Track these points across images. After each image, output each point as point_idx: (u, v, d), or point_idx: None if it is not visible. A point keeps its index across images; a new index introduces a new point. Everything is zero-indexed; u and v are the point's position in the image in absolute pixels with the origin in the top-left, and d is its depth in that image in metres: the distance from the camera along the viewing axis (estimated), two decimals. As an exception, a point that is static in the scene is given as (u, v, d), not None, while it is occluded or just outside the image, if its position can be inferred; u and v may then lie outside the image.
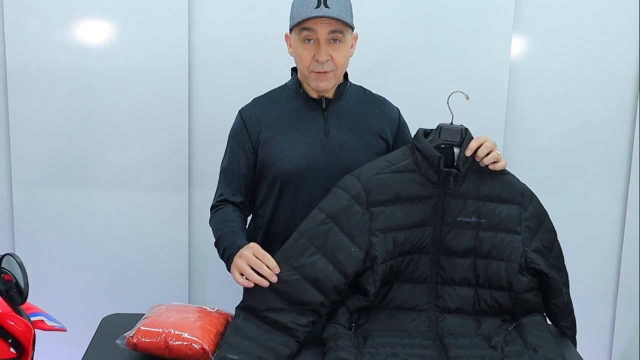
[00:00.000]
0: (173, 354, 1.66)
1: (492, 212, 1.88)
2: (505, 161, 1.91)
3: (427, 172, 1.86)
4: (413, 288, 1.87)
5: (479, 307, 1.88)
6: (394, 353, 1.69)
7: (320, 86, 2.01)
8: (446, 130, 1.88)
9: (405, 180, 1.86)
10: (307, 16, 1.91)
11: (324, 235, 1.81)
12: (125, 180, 2.72)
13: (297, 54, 2.01)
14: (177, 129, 2.67)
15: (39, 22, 2.58)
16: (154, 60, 2.63)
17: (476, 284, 1.89)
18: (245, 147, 2.07)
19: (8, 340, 1.64)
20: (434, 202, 1.87)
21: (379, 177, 1.86)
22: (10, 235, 2.72)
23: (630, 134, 2.82)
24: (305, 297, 1.78)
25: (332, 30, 1.93)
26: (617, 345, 2.97)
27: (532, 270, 1.88)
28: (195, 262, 2.81)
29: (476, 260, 1.88)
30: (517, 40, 2.74)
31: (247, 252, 1.80)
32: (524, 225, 1.89)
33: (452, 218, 1.87)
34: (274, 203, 2.07)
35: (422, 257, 1.88)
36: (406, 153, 1.89)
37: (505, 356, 1.71)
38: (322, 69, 1.96)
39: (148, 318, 1.75)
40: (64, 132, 2.66)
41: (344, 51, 1.99)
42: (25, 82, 2.60)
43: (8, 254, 1.68)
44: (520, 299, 1.87)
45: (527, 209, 1.91)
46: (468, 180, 1.88)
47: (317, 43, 1.95)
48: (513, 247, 1.87)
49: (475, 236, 1.88)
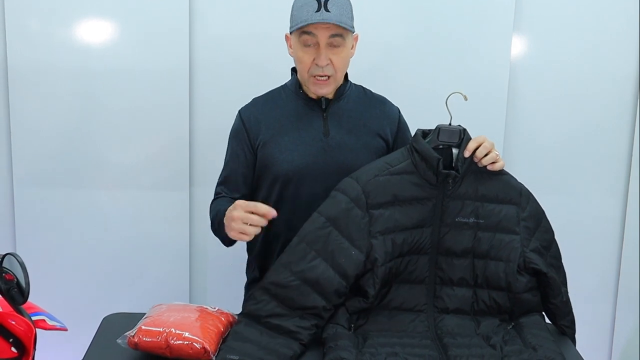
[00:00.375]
0: (174, 353, 1.66)
1: (490, 212, 1.89)
2: (503, 161, 1.91)
3: (426, 174, 1.86)
4: (411, 289, 1.88)
5: (478, 307, 1.89)
6: (394, 352, 1.69)
7: (320, 92, 2.02)
8: (445, 131, 1.88)
9: (403, 182, 1.86)
10: (307, 21, 1.90)
11: (323, 239, 1.82)
12: (126, 179, 2.72)
13: (297, 57, 2.01)
14: (178, 128, 2.68)
15: (40, 21, 2.58)
16: (155, 59, 2.63)
17: (474, 284, 1.89)
18: (245, 147, 2.08)
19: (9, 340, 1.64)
20: (433, 203, 1.87)
21: (377, 179, 1.86)
22: (11, 235, 2.73)
23: (630, 133, 2.83)
24: (307, 301, 1.78)
25: (332, 35, 1.93)
26: (617, 345, 2.97)
27: (530, 270, 1.88)
28: (196, 261, 2.81)
29: (474, 261, 1.89)
30: (517, 40, 2.74)
31: (237, 213, 1.82)
32: (522, 225, 1.90)
33: (450, 219, 1.88)
34: (274, 204, 2.06)
35: (421, 258, 1.88)
36: (405, 155, 1.90)
37: (504, 355, 1.71)
38: (322, 72, 1.96)
39: (149, 317, 1.75)
40: (65, 132, 2.66)
41: (343, 55, 1.99)
42: (27, 82, 2.60)
43: (9, 254, 1.68)
44: (519, 299, 1.87)
45: (525, 209, 1.91)
46: (466, 181, 1.88)
47: (317, 47, 1.95)
48: (512, 247, 1.87)
49: (474, 237, 1.88)
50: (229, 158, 2.12)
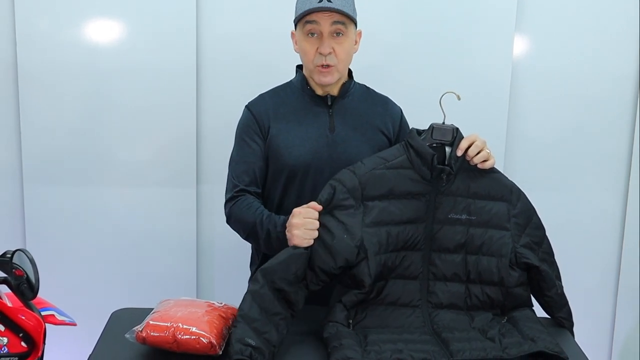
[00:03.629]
0: (181, 348, 1.67)
1: (481, 209, 1.92)
2: (494, 159, 1.94)
3: (421, 169, 1.89)
4: (406, 284, 1.90)
5: (471, 302, 1.92)
6: (398, 350, 1.70)
7: (323, 81, 2.04)
8: (438, 129, 1.92)
9: (399, 177, 1.90)
10: (310, 8, 1.94)
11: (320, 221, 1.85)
12: (134, 176, 2.74)
13: (301, 49, 2.04)
14: (185, 126, 2.70)
15: (50, 21, 2.60)
16: (162, 58, 2.65)
17: (467, 279, 1.92)
18: (257, 139, 2.08)
19: (19, 335, 1.66)
20: (426, 199, 1.90)
21: (374, 172, 1.89)
22: (21, 231, 2.75)
23: (631, 133, 2.84)
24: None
25: (334, 22, 1.97)
26: (617, 341, 2.98)
27: (522, 265, 1.92)
28: (203, 257, 2.83)
29: (467, 257, 1.92)
30: (519, 40, 2.75)
31: (296, 220, 1.82)
32: (512, 222, 1.93)
33: (443, 215, 1.91)
34: (279, 197, 2.10)
35: (415, 254, 1.91)
36: (400, 150, 1.93)
37: (505, 347, 1.73)
38: (325, 61, 1.99)
39: (157, 312, 1.76)
40: (73, 130, 2.68)
41: (346, 45, 2.02)
42: (36, 81, 2.63)
43: (19, 250, 1.70)
44: (511, 293, 1.90)
45: (515, 206, 1.94)
46: (459, 178, 1.92)
47: (320, 36, 1.99)
48: (503, 242, 1.91)
49: (466, 233, 1.92)
50: (240, 152, 2.10)
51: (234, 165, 2.11)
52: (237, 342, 1.66)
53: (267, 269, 1.78)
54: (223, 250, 2.77)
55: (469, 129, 1.95)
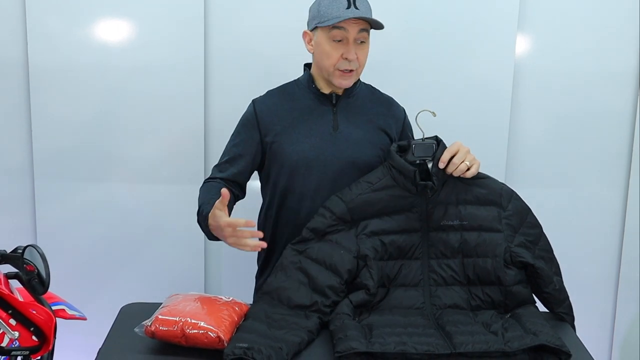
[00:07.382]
0: (189, 342, 1.68)
1: (472, 214, 1.95)
2: (478, 164, 1.94)
3: (406, 186, 1.94)
4: (407, 291, 1.94)
5: (474, 303, 1.94)
6: (402, 342, 1.72)
7: (344, 84, 2.07)
8: (419, 146, 1.95)
9: (386, 197, 1.95)
10: (340, 17, 1.96)
11: (315, 248, 1.93)
12: (143, 173, 2.76)
13: (323, 52, 2.04)
14: (193, 123, 2.71)
15: (60, 20, 2.62)
16: (171, 56, 2.66)
17: (467, 282, 1.95)
18: (252, 136, 2.11)
19: (30, 329, 1.68)
20: (418, 210, 1.94)
21: (361, 197, 1.95)
22: (32, 227, 2.77)
23: (631, 130, 2.84)
24: (305, 299, 1.87)
25: (361, 30, 2.00)
26: (618, 335, 2.99)
27: (518, 264, 1.94)
28: (211, 253, 2.84)
29: (464, 260, 1.95)
30: (521, 39, 2.74)
31: (222, 233, 1.89)
32: (504, 224, 1.96)
33: (436, 223, 1.94)
34: (282, 193, 2.12)
35: (413, 263, 1.95)
36: (384, 172, 1.98)
37: (507, 341, 1.74)
38: (349, 66, 2.03)
39: (165, 307, 1.77)
40: (83, 127, 2.70)
41: (367, 50, 2.07)
42: (47, 79, 2.65)
43: (30, 246, 1.73)
44: (510, 292, 1.92)
45: (506, 208, 1.97)
46: (447, 187, 1.95)
47: (346, 42, 2.01)
48: (496, 243, 1.94)
49: (460, 237, 1.95)
50: (233, 141, 2.15)
51: (228, 153, 2.15)
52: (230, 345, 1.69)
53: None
54: (230, 246, 2.79)
55: (472, 127, 1.96)
